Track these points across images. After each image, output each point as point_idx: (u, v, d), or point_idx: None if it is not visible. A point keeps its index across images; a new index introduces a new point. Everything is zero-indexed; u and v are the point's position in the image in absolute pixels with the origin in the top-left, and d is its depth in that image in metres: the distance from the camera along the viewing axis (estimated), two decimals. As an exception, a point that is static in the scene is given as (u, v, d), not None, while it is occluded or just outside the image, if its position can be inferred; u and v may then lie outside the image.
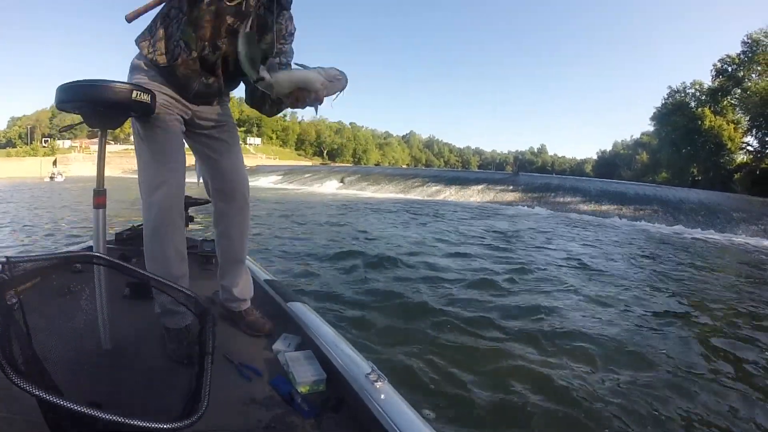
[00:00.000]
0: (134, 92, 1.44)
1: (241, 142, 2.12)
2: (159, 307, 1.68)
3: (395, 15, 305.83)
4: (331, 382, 1.48)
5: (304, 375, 1.48)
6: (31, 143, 72.31)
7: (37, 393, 0.78)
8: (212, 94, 1.76)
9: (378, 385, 1.29)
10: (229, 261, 1.96)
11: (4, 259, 1.05)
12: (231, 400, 1.37)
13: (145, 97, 1.49)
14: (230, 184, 1.88)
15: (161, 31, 1.58)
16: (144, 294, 2.18)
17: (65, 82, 1.45)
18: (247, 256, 2.08)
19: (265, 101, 1.77)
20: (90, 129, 1.69)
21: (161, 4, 1.54)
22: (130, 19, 1.50)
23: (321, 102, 1.51)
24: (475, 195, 23.28)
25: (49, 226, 8.53)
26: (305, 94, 1.49)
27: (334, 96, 1.54)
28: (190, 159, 2.06)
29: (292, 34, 1.77)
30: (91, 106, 1.50)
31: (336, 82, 1.51)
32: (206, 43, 1.59)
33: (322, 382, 1.48)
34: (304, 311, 1.95)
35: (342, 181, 27.75)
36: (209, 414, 1.27)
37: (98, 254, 1.24)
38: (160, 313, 1.68)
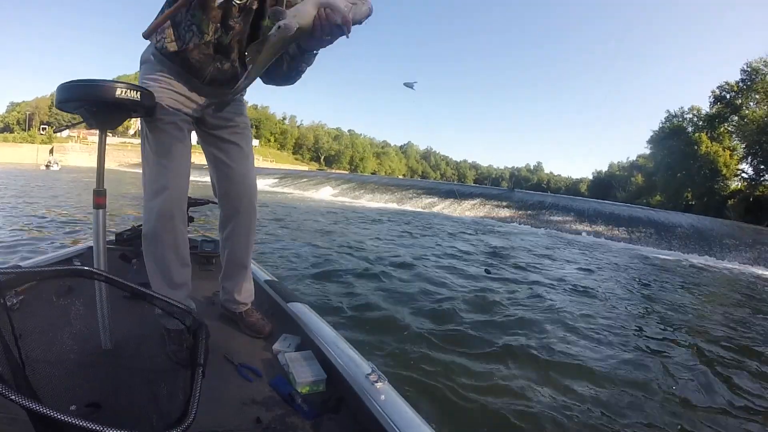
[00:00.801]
0: (133, 92, 1.41)
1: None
2: (159, 309, 1.68)
3: (399, 25, 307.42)
4: (331, 382, 1.49)
5: (304, 375, 1.48)
6: (29, 130, 71.86)
7: (24, 403, 0.76)
8: (228, 80, 1.68)
9: (378, 385, 1.29)
10: (232, 265, 1.93)
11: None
12: (231, 401, 1.38)
13: (145, 97, 1.46)
14: (238, 188, 1.84)
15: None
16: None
17: (65, 81, 1.42)
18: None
19: (282, 61, 1.55)
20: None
21: (176, 13, 1.45)
22: (147, 35, 1.42)
23: (349, 27, 1.27)
24: (469, 209, 23.25)
25: (47, 218, 8.45)
26: (332, 15, 1.25)
27: (362, 22, 1.32)
28: (199, 158, 2.06)
29: None
30: (90, 106, 1.46)
31: (360, 4, 1.30)
32: (218, 24, 1.52)
33: (321, 382, 1.49)
34: (304, 311, 1.95)
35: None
36: (209, 414, 1.29)
37: (94, 270, 1.22)
38: (160, 314, 1.65)
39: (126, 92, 1.39)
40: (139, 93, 1.43)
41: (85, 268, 1.17)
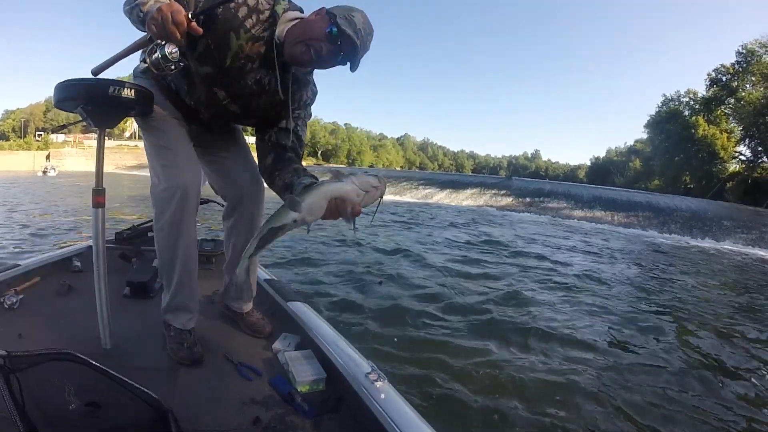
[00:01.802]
0: (132, 90, 1.39)
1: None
2: (165, 302, 1.64)
3: (393, 18, 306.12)
4: (331, 381, 1.48)
5: (304, 374, 1.47)
6: (24, 137, 71.82)
7: None
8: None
9: (378, 384, 1.28)
10: (239, 254, 1.90)
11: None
12: (231, 400, 1.37)
13: (144, 96, 1.45)
14: (239, 173, 1.83)
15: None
16: (144, 294, 2.19)
17: (63, 80, 1.39)
18: None
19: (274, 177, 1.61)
20: (85, 126, 1.63)
21: (131, 53, 1.37)
22: (95, 72, 1.35)
23: (359, 214, 1.28)
24: (467, 199, 23.24)
25: (46, 220, 8.44)
26: (343, 205, 1.26)
27: (374, 207, 1.36)
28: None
29: (308, 105, 1.68)
30: (88, 105, 1.42)
31: (373, 191, 1.30)
32: (193, 101, 1.57)
33: (321, 381, 1.48)
34: (304, 310, 1.93)
35: None
36: (209, 413, 1.29)
37: (71, 352, 1.10)
38: (165, 308, 1.64)
39: (125, 90, 1.37)
40: (137, 91, 1.41)
41: (65, 351, 1.07)
